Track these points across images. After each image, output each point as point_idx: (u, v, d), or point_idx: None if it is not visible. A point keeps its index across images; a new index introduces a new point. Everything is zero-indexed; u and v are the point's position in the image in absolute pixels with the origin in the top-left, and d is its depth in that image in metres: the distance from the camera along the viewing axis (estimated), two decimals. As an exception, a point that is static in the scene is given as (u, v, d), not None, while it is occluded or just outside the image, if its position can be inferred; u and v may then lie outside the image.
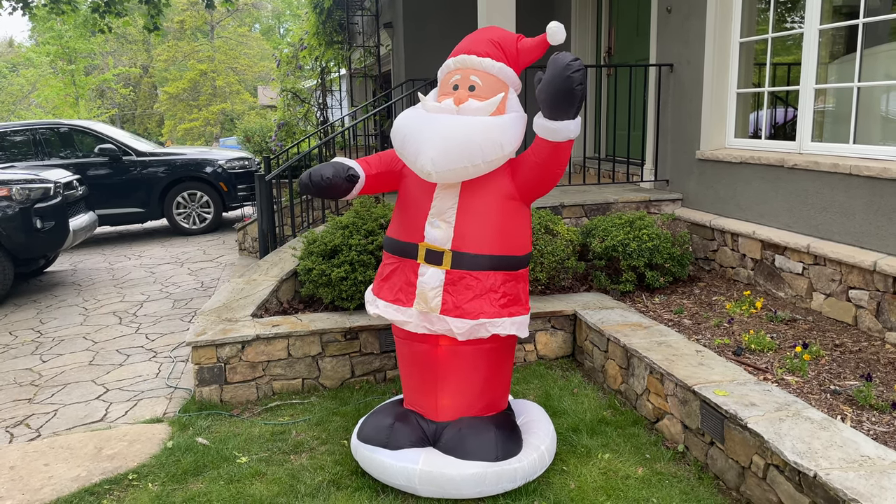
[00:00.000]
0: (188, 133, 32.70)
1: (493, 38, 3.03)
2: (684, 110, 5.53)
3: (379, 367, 4.27)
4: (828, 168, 4.12)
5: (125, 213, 10.25)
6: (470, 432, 2.97)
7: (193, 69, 32.90)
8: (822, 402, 3.04)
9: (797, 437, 2.65)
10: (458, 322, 2.85)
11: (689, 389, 3.18)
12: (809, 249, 4.18)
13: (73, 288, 7.41)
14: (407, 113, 2.99)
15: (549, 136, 2.77)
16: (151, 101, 38.02)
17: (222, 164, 10.62)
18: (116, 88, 34.25)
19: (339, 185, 2.98)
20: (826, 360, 3.49)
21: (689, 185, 5.55)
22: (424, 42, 8.64)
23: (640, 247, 4.63)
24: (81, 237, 7.57)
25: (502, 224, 2.93)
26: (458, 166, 2.77)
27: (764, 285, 4.66)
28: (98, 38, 28.00)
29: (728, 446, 2.91)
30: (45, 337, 5.66)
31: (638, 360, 3.65)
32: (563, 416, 3.65)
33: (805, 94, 4.43)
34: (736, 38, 5.07)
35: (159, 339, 5.46)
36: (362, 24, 10.82)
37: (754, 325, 4.04)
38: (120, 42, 34.21)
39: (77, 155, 10.08)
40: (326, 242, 4.43)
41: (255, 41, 37.40)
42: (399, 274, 3.01)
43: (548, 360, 4.47)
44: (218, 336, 3.98)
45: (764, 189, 4.72)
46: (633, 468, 3.13)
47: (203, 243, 9.89)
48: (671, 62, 5.65)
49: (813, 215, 4.29)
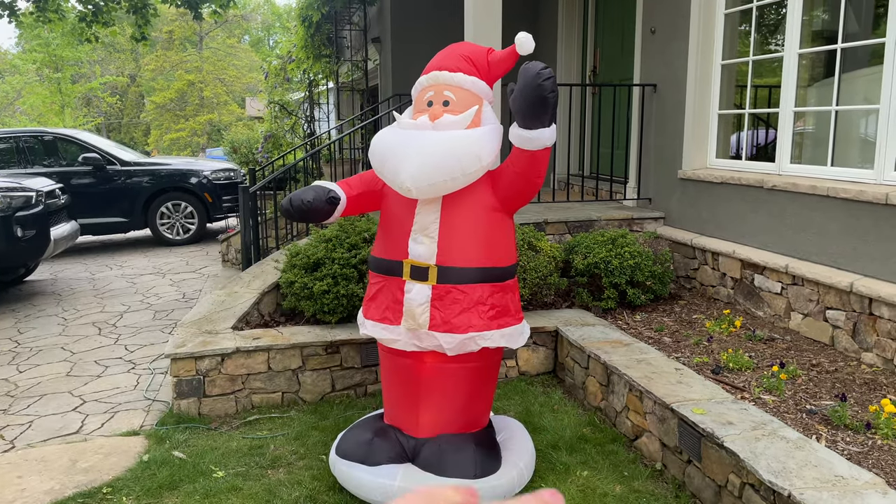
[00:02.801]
0: (174, 143, 32.56)
1: (463, 53, 3.07)
2: (667, 130, 5.60)
3: (360, 382, 4.26)
4: (806, 189, 4.18)
5: (108, 222, 10.17)
6: (449, 448, 2.96)
7: (181, 79, 32.83)
8: (797, 422, 3.06)
9: (772, 456, 2.67)
10: (447, 337, 2.85)
11: (667, 407, 3.20)
12: (788, 269, 4.23)
13: (53, 298, 7.33)
14: (384, 132, 3.01)
15: (526, 145, 2.80)
16: (138, 111, 37.86)
17: (207, 175, 10.57)
18: (103, 97, 34.09)
19: (320, 209, 3.01)
20: (803, 379, 3.52)
21: (672, 203, 5.60)
22: (412, 57, 8.69)
23: (621, 264, 4.66)
24: (63, 246, 7.50)
25: (486, 236, 2.95)
26: (437, 181, 2.78)
27: (743, 304, 4.70)
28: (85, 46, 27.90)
29: (705, 465, 2.92)
30: (22, 347, 5.59)
31: (618, 378, 3.67)
32: (543, 433, 3.65)
33: (784, 117, 4.50)
34: (718, 60, 5.15)
35: (139, 350, 5.41)
36: (350, 39, 10.87)
37: (733, 343, 4.08)
38: (108, 51, 34.09)
39: (61, 163, 10.01)
40: (309, 255, 4.42)
41: (244, 52, 37.42)
42: (385, 292, 3.02)
43: (529, 377, 4.48)
44: (197, 348, 3.96)
45: (744, 209, 4.77)
46: (611, 486, 3.14)
47: (186, 254, 9.83)
48: (655, 82, 5.72)
49: (791, 236, 4.35)
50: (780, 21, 4.90)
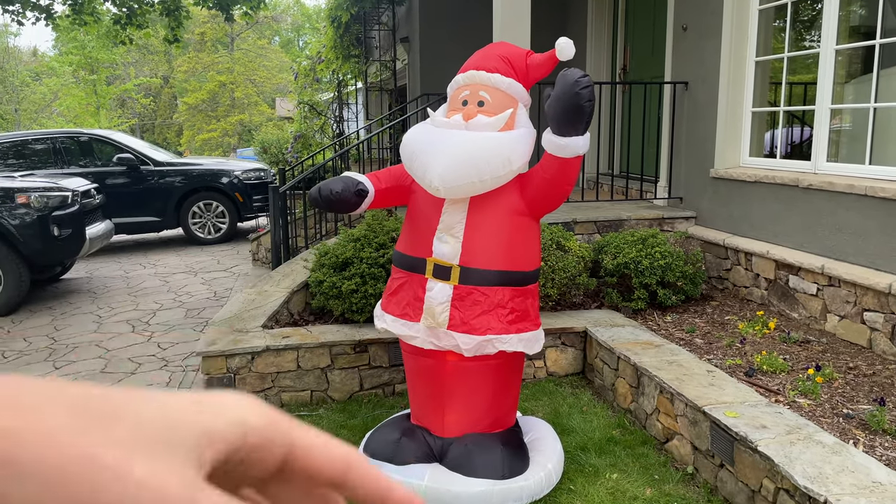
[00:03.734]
0: (206, 143, 33.02)
1: (502, 54, 3.04)
2: (699, 128, 5.52)
3: (388, 381, 4.27)
4: (843, 189, 4.09)
5: (142, 221, 10.34)
6: (476, 449, 2.95)
7: (213, 80, 33.27)
8: (834, 426, 3.00)
9: (808, 461, 2.61)
10: (464, 338, 2.84)
11: (699, 410, 3.15)
12: (824, 270, 4.14)
13: (89, 295, 7.47)
14: (416, 128, 3.01)
15: (558, 152, 2.77)
16: (171, 112, 38.48)
17: (238, 175, 10.70)
18: (137, 98, 34.72)
19: (347, 200, 3.00)
20: (839, 382, 3.44)
21: (703, 203, 5.52)
22: (440, 56, 8.69)
23: (652, 264, 4.60)
24: (98, 245, 7.65)
25: (510, 239, 2.93)
26: (465, 182, 2.77)
27: (777, 305, 4.61)
28: (120, 48, 28.47)
29: (738, 469, 2.87)
30: (58, 344, 5.71)
31: (648, 379, 3.62)
32: (572, 435, 3.62)
33: (821, 114, 4.40)
34: (752, 56, 5.05)
35: (171, 347, 5.49)
36: (379, 39, 10.91)
37: (767, 345, 4.00)
38: (142, 53, 34.70)
39: (96, 164, 10.21)
40: (338, 255, 4.45)
41: (274, 53, 37.79)
42: (407, 289, 3.02)
43: (557, 377, 4.45)
44: (228, 347, 4.00)
45: (778, 208, 4.68)
46: (642, 489, 3.10)
47: (217, 253, 9.95)
48: (686, 80, 5.64)
49: (827, 236, 4.25)
50: (816, 16, 4.81)
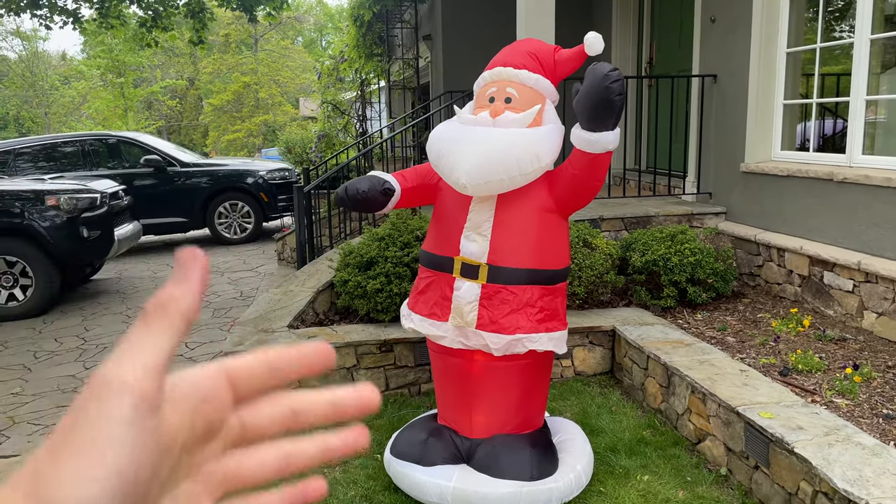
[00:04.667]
0: (231, 144, 33.31)
1: (529, 50, 3.00)
2: (728, 122, 5.41)
3: (413, 381, 4.24)
4: (880, 182, 3.97)
5: (169, 222, 10.45)
6: (504, 450, 2.91)
7: (237, 81, 33.54)
8: (873, 427, 2.91)
9: (847, 463, 2.53)
10: (493, 337, 2.80)
11: (732, 411, 3.07)
12: (860, 266, 4.03)
13: (118, 296, 7.56)
14: (442, 126, 2.97)
15: (587, 147, 2.72)
16: (197, 113, 38.89)
17: (263, 175, 10.76)
18: (163, 100, 35.13)
19: (374, 199, 2.98)
20: (878, 382, 3.34)
21: (733, 198, 5.41)
22: (463, 53, 8.65)
23: (681, 261, 4.52)
24: (126, 246, 7.73)
25: (539, 237, 2.88)
26: (493, 179, 2.73)
27: (812, 303, 4.50)
28: (146, 51, 28.82)
29: (774, 471, 2.79)
30: (89, 344, 5.77)
31: (679, 379, 3.55)
32: (601, 435, 3.56)
33: (855, 106, 4.28)
34: (783, 48, 4.94)
35: (198, 347, 5.52)
36: (402, 37, 10.89)
37: (801, 344, 3.90)
38: (168, 55, 35.11)
39: (124, 166, 10.33)
40: (362, 254, 4.43)
41: (298, 54, 38.00)
42: (434, 288, 2.98)
43: (585, 377, 4.38)
44: (254, 347, 4.00)
45: (811, 203, 4.57)
46: (674, 491, 3.04)
47: (243, 253, 10.02)
48: (714, 73, 5.53)
49: (864, 231, 4.14)
50: (849, 6, 4.68)
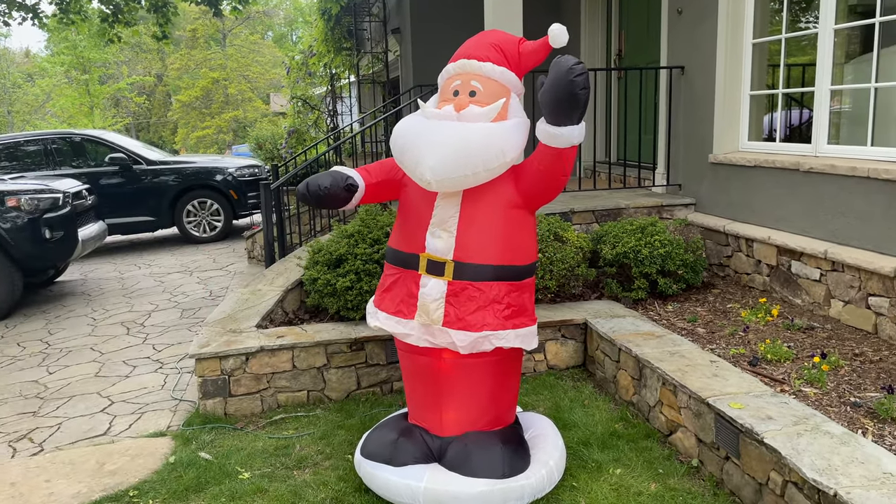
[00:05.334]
0: (201, 141, 32.84)
1: (494, 42, 2.96)
2: (696, 113, 5.43)
3: (385, 379, 4.19)
4: (845, 171, 4.01)
5: (136, 221, 10.26)
6: (476, 448, 2.88)
7: (206, 77, 33.07)
8: (841, 416, 2.93)
9: (816, 452, 2.54)
10: (460, 335, 2.76)
11: (703, 402, 3.08)
12: (827, 255, 4.07)
13: (83, 298, 7.39)
14: (406, 120, 2.92)
15: (553, 142, 2.69)
16: (166, 110, 38.26)
17: (232, 172, 10.61)
18: (131, 97, 34.50)
19: (337, 195, 2.92)
20: (846, 370, 3.37)
21: (702, 189, 5.44)
22: (432, 47, 8.56)
23: (652, 253, 4.52)
24: (91, 247, 7.56)
25: (506, 233, 2.84)
26: (458, 174, 2.69)
27: (780, 292, 4.54)
28: (112, 47, 28.25)
29: (744, 462, 2.80)
30: (52, 348, 5.63)
31: (650, 371, 3.55)
32: (574, 429, 3.55)
33: (821, 96, 4.31)
34: (748, 39, 4.96)
35: (166, 349, 5.41)
36: (371, 31, 10.79)
37: (770, 333, 3.93)
38: (134, 51, 34.48)
39: (89, 164, 10.12)
40: (332, 252, 4.36)
41: (268, 48, 37.57)
42: (400, 285, 2.94)
43: (558, 371, 4.37)
44: (222, 348, 3.92)
45: (779, 193, 4.60)
46: (646, 484, 3.03)
47: (213, 251, 9.87)
48: (682, 64, 5.54)
49: (830, 220, 4.17)
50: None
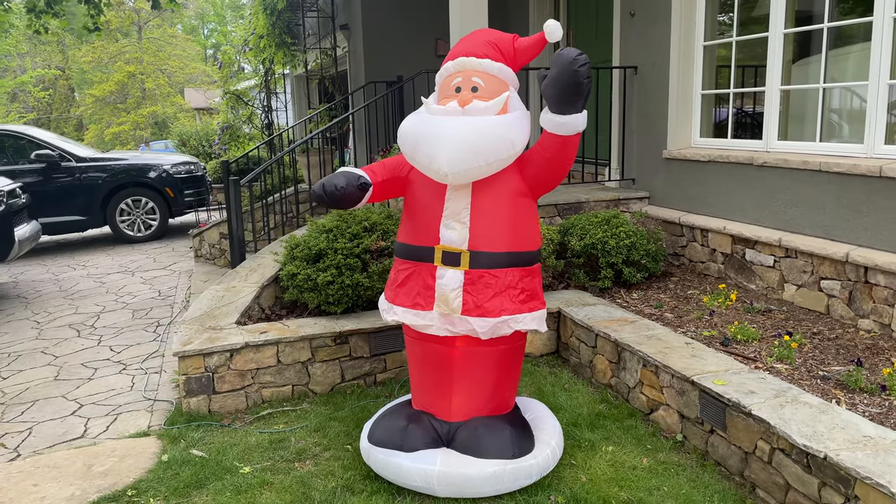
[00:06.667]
0: (117, 137, 31.39)
1: (489, 40, 3.08)
2: (650, 111, 5.70)
3: (369, 371, 4.24)
4: (797, 165, 4.33)
5: (65, 221, 9.80)
6: (486, 431, 2.99)
7: (121, 71, 31.62)
8: (814, 388, 3.19)
9: (801, 421, 2.78)
10: (480, 321, 2.87)
11: (687, 380, 3.29)
12: (781, 243, 4.38)
13: (19, 301, 7.04)
14: (413, 117, 3.01)
15: (559, 130, 2.82)
16: (68, 105, 36.27)
17: (168, 169, 10.29)
18: (32, 91, 32.57)
19: (351, 195, 2.99)
20: (808, 347, 3.67)
21: (656, 183, 5.72)
22: (385, 44, 8.61)
23: (618, 244, 4.74)
24: (27, 247, 7.21)
25: (515, 220, 2.97)
26: (472, 166, 2.79)
27: (735, 278, 4.85)
28: (10, 38, 26.52)
29: (731, 433, 3.02)
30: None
31: (630, 354, 3.75)
32: (561, 412, 3.71)
33: (771, 95, 4.64)
34: (700, 41, 5.26)
35: (125, 350, 5.25)
36: (317, 26, 10.68)
37: (733, 316, 4.21)
38: (32, 43, 32.54)
39: (13, 161, 9.59)
40: (311, 247, 4.36)
41: (185, 42, 36.31)
42: (415, 278, 3.01)
43: (534, 358, 4.53)
44: (205, 345, 3.87)
45: (733, 186, 4.91)
46: (638, 459, 3.22)
47: (151, 251, 9.56)
48: (635, 64, 5.81)
49: (783, 210, 4.50)
50: (762, 1, 5.03)
